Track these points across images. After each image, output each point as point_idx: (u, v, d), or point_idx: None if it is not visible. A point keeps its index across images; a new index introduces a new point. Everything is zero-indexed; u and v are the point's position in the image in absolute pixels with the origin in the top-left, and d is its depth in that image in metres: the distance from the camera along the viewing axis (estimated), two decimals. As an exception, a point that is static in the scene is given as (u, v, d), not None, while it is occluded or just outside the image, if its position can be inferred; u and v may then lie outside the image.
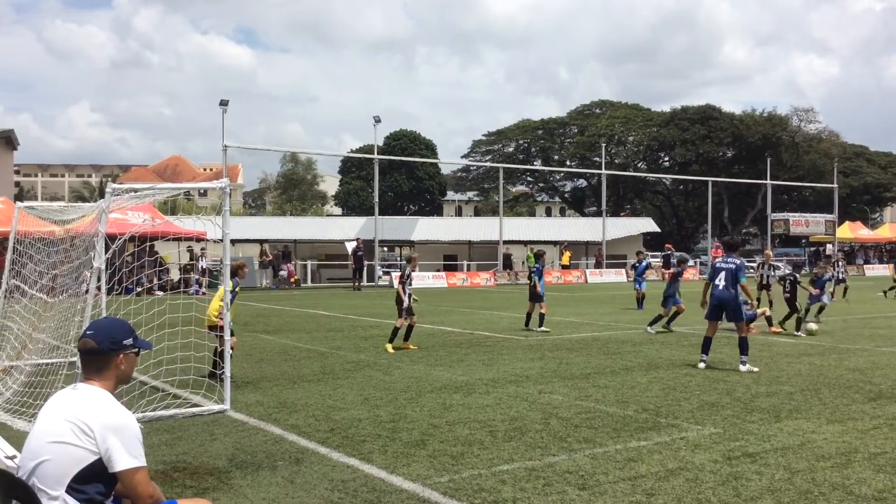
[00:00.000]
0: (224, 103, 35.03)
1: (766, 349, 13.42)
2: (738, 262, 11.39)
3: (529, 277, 17.48)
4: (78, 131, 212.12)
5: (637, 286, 23.12)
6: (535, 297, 16.68)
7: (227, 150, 35.58)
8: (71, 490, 3.28)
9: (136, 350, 3.60)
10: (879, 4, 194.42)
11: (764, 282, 22.11)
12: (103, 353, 3.47)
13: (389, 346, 13.03)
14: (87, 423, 3.30)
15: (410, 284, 13.55)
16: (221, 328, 9.72)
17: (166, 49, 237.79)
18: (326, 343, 13.82)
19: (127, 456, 3.32)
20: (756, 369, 10.97)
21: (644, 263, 23.88)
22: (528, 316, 17.05)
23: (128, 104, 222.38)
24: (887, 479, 5.81)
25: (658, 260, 49.00)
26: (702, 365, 11.30)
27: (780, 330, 16.13)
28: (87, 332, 3.53)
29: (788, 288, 17.01)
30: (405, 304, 13.22)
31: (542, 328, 16.30)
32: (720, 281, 11.33)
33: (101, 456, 3.29)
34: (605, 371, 11.08)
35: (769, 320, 16.37)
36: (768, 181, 53.96)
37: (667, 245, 48.71)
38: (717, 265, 11.59)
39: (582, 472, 6.01)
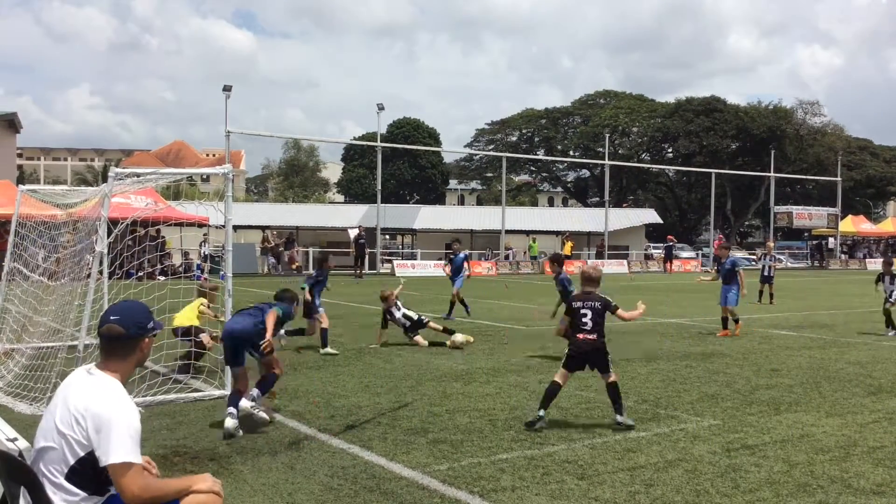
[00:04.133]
0: (227, 89, 34.92)
1: (766, 342, 13.42)
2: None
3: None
4: (78, 115, 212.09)
5: (455, 284, 17.28)
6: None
7: (230, 135, 35.51)
8: (70, 478, 3.25)
9: (156, 332, 3.59)
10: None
11: (766, 273, 22.12)
12: (130, 339, 3.43)
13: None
14: (84, 414, 3.24)
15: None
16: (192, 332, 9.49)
17: (166, 32, 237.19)
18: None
19: (113, 451, 3.20)
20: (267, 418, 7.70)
21: (462, 255, 17.67)
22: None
23: (128, 88, 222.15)
24: (886, 473, 5.81)
25: (660, 251, 48.96)
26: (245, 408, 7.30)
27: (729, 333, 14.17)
28: (112, 318, 3.43)
29: None
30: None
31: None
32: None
33: (92, 448, 3.22)
34: (606, 361, 11.07)
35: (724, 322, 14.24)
36: (772, 174, 53.82)
37: (669, 237, 48.66)
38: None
39: (581, 462, 6.02)
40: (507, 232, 45.07)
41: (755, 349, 12.52)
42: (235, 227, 31.26)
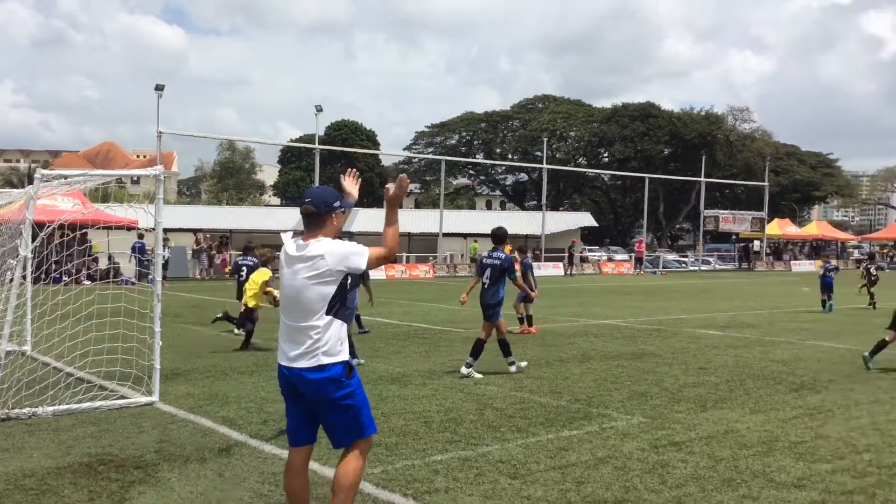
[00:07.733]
0: (160, 88, 34.05)
1: (693, 341, 13.78)
2: (504, 256, 10.12)
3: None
4: (0, 113, 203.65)
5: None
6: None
7: (162, 136, 34.66)
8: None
9: (344, 209, 4.42)
10: (815, 2, 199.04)
11: (870, 277, 21.76)
12: (321, 216, 4.29)
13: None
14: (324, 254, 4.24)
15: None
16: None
17: (91, 28, 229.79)
18: (259, 335, 13.57)
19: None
20: (524, 364, 10.44)
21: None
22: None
23: (52, 85, 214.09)
24: (806, 467, 6.03)
25: (595, 255, 49.73)
26: (464, 370, 9.91)
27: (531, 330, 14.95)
28: (306, 200, 4.34)
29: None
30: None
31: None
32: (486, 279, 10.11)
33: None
34: (540, 362, 11.21)
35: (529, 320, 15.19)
36: (702, 178, 55.29)
37: (574, 240, 49.00)
38: (484, 261, 10.29)
39: (514, 462, 6.08)
40: (445, 235, 45.15)
41: (684, 348, 12.85)
42: (166, 230, 30.51)
